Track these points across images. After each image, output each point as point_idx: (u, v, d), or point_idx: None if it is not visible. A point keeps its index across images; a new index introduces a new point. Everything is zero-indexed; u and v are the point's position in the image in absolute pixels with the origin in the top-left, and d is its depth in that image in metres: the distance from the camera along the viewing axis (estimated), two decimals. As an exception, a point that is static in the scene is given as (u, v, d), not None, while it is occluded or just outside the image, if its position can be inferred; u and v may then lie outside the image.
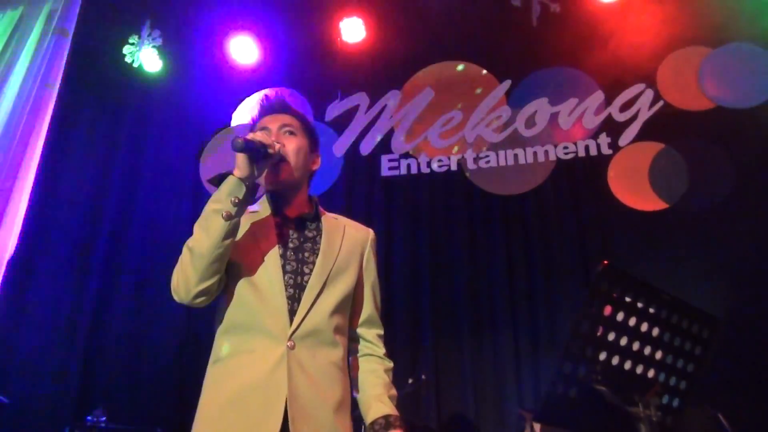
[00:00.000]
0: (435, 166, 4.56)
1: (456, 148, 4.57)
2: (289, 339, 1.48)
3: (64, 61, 4.03)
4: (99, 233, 4.62)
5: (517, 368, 3.94)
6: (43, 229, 4.27)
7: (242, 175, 1.47)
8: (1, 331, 3.76)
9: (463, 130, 4.59)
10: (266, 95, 1.73)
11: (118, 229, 4.67)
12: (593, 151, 4.30)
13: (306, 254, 1.61)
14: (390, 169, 4.63)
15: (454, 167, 4.53)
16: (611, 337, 1.39)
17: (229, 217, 1.44)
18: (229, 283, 1.55)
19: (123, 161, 4.93)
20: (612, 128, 4.32)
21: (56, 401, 4.05)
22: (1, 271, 3.38)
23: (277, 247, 1.58)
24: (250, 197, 1.50)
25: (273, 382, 1.44)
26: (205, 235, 1.45)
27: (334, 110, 4.89)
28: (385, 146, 4.73)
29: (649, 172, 4.10)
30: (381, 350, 1.70)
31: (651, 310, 1.45)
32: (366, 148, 4.75)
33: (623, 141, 4.26)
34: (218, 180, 1.50)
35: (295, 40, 5.10)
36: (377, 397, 1.59)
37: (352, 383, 1.65)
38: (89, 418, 3.84)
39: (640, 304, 1.43)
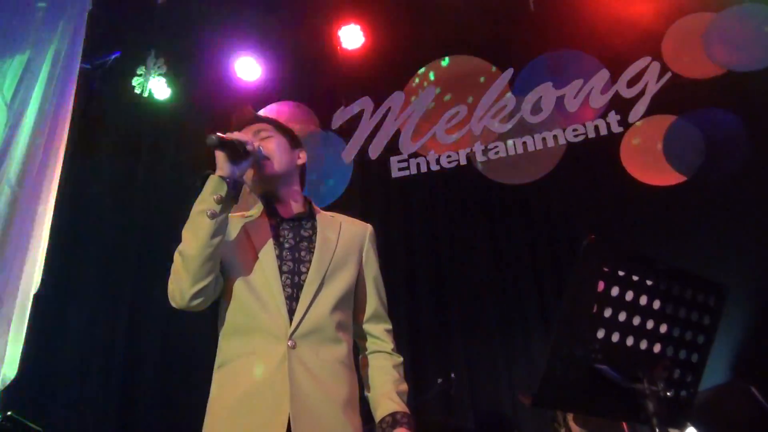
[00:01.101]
0: (444, 162, 4.54)
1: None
2: (290, 338, 1.48)
3: (72, 100, 4.13)
4: (125, 261, 4.71)
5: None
6: (67, 264, 4.38)
7: (223, 173, 1.50)
8: (36, 365, 3.86)
9: (469, 124, 4.55)
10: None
11: (144, 256, 4.75)
12: (603, 131, 4.21)
13: (302, 253, 1.61)
14: (400, 170, 4.62)
15: (463, 161, 4.50)
16: (608, 313, 1.34)
17: (214, 216, 1.46)
18: (228, 287, 1.57)
19: (143, 189, 5.03)
20: (620, 105, 4.23)
21: (96, 428, 4.13)
22: (29, 306, 3.48)
23: (272, 247, 1.59)
24: (233, 195, 1.51)
25: (276, 383, 1.44)
26: (193, 237, 1.47)
27: (339, 118, 4.91)
28: (393, 148, 4.72)
29: (663, 147, 3.99)
30: (389, 345, 1.69)
31: (648, 282, 1.40)
32: (374, 151, 4.75)
33: (633, 117, 4.16)
34: (201, 182, 1.52)
35: (296, 52, 5.14)
36: (386, 394, 1.58)
37: (363, 381, 1.64)
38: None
39: (635, 277, 1.38)
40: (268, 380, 1.44)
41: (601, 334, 1.35)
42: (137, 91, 5.19)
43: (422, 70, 4.84)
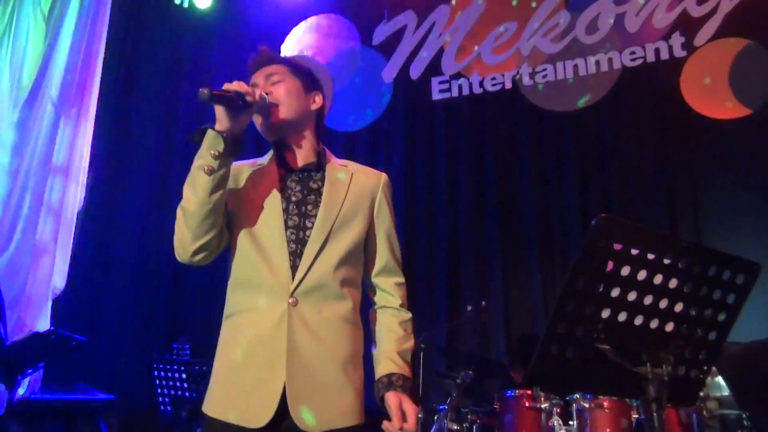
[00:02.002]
0: (488, 85, 4.30)
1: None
2: (291, 295, 1.47)
3: (108, 12, 4.06)
4: (169, 175, 4.79)
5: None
6: (116, 177, 4.49)
7: (221, 127, 1.44)
8: (85, 279, 4.06)
9: (518, 43, 4.24)
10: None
11: (188, 167, 4.81)
12: (664, 55, 3.85)
13: (309, 207, 1.57)
14: (440, 92, 4.41)
15: (508, 85, 4.24)
16: (615, 293, 1.26)
17: (211, 172, 1.43)
18: (234, 238, 1.56)
19: (186, 102, 5.03)
20: (687, 25, 3.82)
21: (144, 334, 4.40)
22: (73, 224, 3.63)
23: (279, 201, 1.55)
24: (231, 149, 1.47)
25: (275, 340, 1.45)
26: (193, 193, 1.45)
27: (381, 33, 4.67)
28: (435, 67, 4.49)
29: (730, 75, 3.62)
30: (397, 301, 1.66)
31: (666, 261, 1.30)
32: (416, 71, 4.54)
33: (700, 40, 3.76)
34: (200, 137, 1.48)
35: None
36: (387, 353, 1.57)
37: (371, 336, 1.64)
38: (175, 345, 4.16)
39: (651, 255, 1.28)
40: (267, 337, 1.45)
41: (606, 313, 1.27)
42: (177, 1, 5.07)
43: (469, -19, 4.48)
